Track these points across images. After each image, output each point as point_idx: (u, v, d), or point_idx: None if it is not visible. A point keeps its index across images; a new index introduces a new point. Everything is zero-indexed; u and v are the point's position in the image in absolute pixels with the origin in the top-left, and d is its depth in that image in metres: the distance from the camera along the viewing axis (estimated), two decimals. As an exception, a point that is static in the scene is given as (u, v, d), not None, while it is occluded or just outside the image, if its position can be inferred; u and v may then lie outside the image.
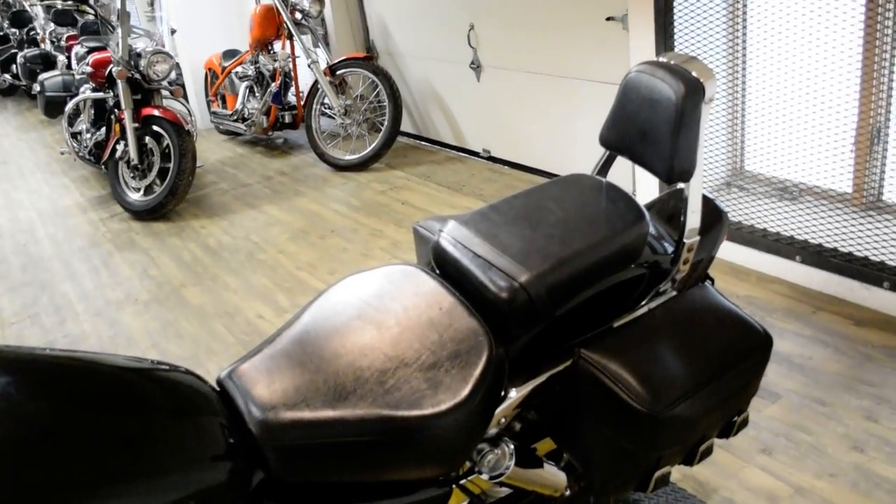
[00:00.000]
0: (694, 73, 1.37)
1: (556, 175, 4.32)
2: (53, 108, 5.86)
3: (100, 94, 5.05)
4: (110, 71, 4.84)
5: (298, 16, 5.44)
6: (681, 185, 1.46)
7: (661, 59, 1.44)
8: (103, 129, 5.13)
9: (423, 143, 5.77)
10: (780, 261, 3.06)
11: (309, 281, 3.68)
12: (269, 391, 1.17)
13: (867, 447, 2.16)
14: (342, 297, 1.35)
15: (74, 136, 5.49)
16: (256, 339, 3.19)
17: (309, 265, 3.86)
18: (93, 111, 5.29)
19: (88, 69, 5.05)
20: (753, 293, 3.00)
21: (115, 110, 4.88)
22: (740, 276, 3.14)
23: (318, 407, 1.14)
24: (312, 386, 1.17)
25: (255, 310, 3.46)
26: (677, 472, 2.14)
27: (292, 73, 5.63)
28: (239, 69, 5.90)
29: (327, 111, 5.43)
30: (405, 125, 5.76)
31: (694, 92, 1.35)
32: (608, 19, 3.75)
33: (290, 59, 5.55)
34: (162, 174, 4.76)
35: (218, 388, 1.21)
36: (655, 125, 1.40)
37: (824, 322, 2.76)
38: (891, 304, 2.73)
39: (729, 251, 3.24)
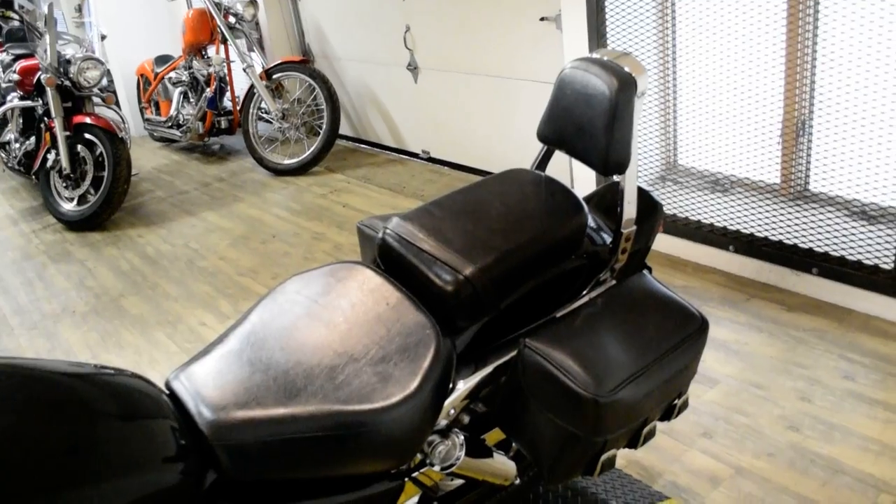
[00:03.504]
0: (626, 68, 1.42)
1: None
2: (-22, 118, 5.69)
3: (28, 103, 4.92)
4: (39, 78, 4.73)
5: (232, 20, 5.38)
6: (617, 178, 1.51)
7: (595, 56, 1.49)
8: (33, 139, 5.00)
9: (362, 145, 5.77)
10: (715, 251, 3.15)
11: (251, 286, 3.65)
12: (219, 392, 1.17)
13: (802, 426, 2.24)
14: (290, 296, 1.36)
15: (2, 146, 5.33)
16: (200, 347, 3.16)
17: (251, 271, 3.83)
18: (21, 120, 5.15)
19: (15, 77, 4.92)
20: (690, 283, 3.09)
21: (45, 119, 4.76)
22: (677, 266, 3.23)
23: (269, 405, 1.15)
24: (263, 384, 1.18)
25: (197, 317, 3.42)
26: (622, 459, 2.19)
27: (227, 78, 5.57)
28: (172, 75, 5.81)
29: (264, 115, 5.39)
30: (344, 128, 5.75)
31: (627, 86, 1.40)
32: (542, 19, 3.81)
33: (224, 64, 5.49)
34: (96, 183, 4.66)
35: (167, 391, 1.21)
36: (590, 119, 1.44)
37: (758, 308, 2.85)
38: (819, 288, 2.84)
39: (665, 243, 3.32)
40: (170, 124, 5.89)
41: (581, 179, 3.65)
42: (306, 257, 3.90)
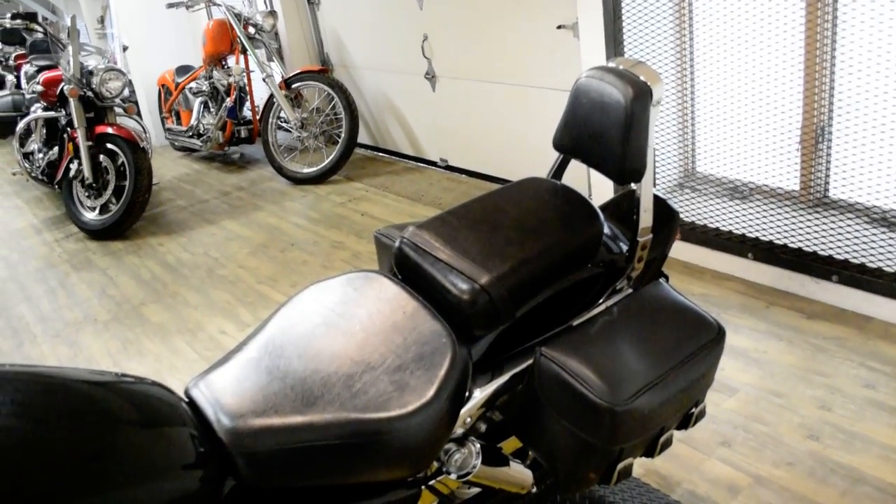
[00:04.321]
0: (641, 77, 1.42)
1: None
2: (4, 128, 5.78)
3: (51, 114, 4.99)
4: (62, 89, 4.79)
5: (252, 30, 5.43)
6: (633, 186, 1.51)
7: (610, 65, 1.49)
8: (56, 149, 5.07)
9: (380, 154, 5.79)
10: (733, 258, 3.14)
11: (270, 294, 3.67)
12: (237, 399, 1.18)
13: (822, 435, 2.22)
14: (307, 305, 1.37)
15: (26, 156, 5.41)
16: (219, 355, 3.18)
17: (270, 279, 3.85)
18: (45, 130, 5.22)
19: (39, 88, 4.99)
20: (708, 291, 3.07)
21: (68, 129, 4.83)
22: (695, 274, 3.22)
23: (287, 413, 1.16)
24: (281, 393, 1.19)
25: (216, 325, 3.45)
26: (641, 468, 2.18)
27: (247, 88, 5.62)
28: (193, 85, 5.87)
29: (284, 125, 5.43)
30: (362, 137, 5.78)
31: (642, 95, 1.40)
32: (559, 27, 3.81)
33: (244, 74, 5.54)
34: (117, 192, 4.72)
35: (186, 399, 1.22)
36: (606, 128, 1.45)
37: (777, 316, 2.83)
38: (839, 296, 2.82)
39: (684, 250, 3.31)
40: (190, 134, 5.95)
41: (599, 188, 3.65)
42: (325, 266, 3.92)
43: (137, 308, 3.73)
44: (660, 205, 1.59)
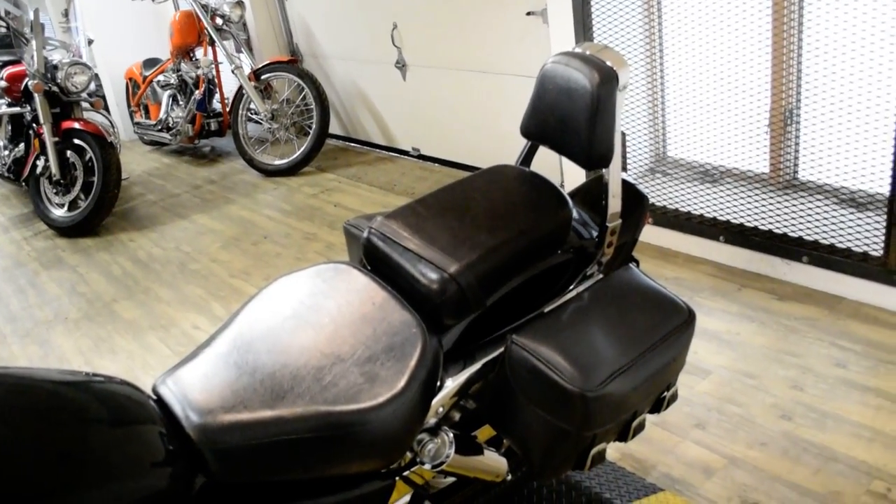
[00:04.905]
0: (607, 62, 1.42)
1: (486, 170, 4.36)
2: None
3: (16, 109, 4.90)
4: (26, 84, 4.71)
5: (219, 21, 5.37)
6: (602, 171, 1.51)
7: (576, 50, 1.49)
8: (22, 146, 4.99)
9: (352, 144, 5.76)
10: (705, 242, 3.16)
11: (243, 288, 3.64)
12: (205, 395, 1.17)
13: (794, 415, 2.25)
14: (276, 298, 1.36)
15: (-9, 153, 5.32)
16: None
17: (243, 272, 3.82)
18: (10, 127, 5.13)
19: (3, 83, 4.90)
20: (681, 274, 3.09)
21: (34, 125, 4.75)
22: (668, 258, 3.23)
23: (256, 408, 1.14)
24: (249, 387, 1.18)
25: (189, 320, 3.42)
26: (616, 452, 2.19)
27: (216, 80, 5.56)
28: (161, 78, 5.79)
29: (254, 117, 5.38)
30: (333, 127, 5.74)
31: (608, 80, 1.40)
32: (528, 14, 3.81)
33: (213, 66, 5.48)
34: (86, 189, 4.65)
35: (154, 396, 1.21)
36: (572, 114, 1.44)
37: (749, 298, 2.86)
38: (810, 277, 2.85)
39: (656, 235, 3.32)
40: (159, 127, 5.88)
41: (571, 174, 3.65)
42: (298, 258, 3.89)
43: (109, 305, 3.69)
44: (629, 190, 1.60)
